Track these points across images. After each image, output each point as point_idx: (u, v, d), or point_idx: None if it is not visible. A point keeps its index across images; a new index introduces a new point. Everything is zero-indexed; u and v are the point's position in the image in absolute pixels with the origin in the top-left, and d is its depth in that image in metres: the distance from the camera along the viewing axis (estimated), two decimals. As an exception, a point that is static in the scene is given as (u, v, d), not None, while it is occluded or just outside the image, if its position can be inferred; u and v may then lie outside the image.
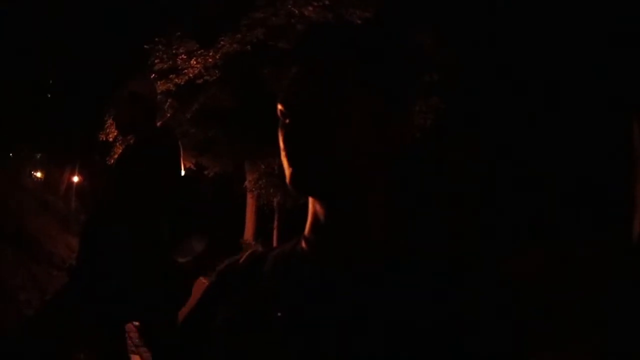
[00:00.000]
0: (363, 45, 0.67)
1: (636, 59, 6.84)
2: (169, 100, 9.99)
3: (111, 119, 9.23)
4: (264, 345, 0.63)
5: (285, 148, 0.65)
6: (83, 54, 15.47)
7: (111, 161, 10.92)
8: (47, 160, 21.64)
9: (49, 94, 19.01)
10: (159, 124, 2.86)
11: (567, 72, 8.56)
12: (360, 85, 0.64)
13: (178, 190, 2.56)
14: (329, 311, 0.62)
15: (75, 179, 20.85)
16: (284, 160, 0.65)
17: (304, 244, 0.70)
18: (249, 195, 12.81)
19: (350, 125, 0.63)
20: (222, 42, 9.30)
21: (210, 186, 13.52)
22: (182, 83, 9.73)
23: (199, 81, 9.59)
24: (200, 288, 0.94)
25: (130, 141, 2.86)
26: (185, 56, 9.60)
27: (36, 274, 6.14)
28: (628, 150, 6.80)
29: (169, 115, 9.94)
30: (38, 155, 21.73)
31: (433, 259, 0.64)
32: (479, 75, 9.43)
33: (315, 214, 0.69)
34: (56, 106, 17.94)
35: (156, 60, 9.80)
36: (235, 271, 0.76)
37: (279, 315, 0.64)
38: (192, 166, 11.44)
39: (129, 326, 4.14)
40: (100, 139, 11.29)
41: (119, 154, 2.93)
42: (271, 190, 11.53)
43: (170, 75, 9.75)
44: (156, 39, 9.79)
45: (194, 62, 9.54)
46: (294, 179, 0.64)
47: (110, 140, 11.04)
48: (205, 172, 12.08)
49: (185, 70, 9.63)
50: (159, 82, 9.35)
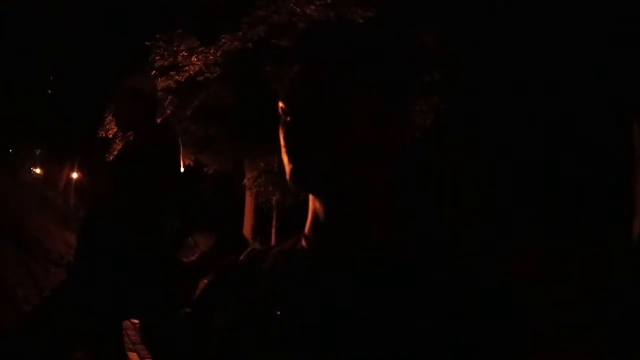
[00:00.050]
0: (364, 44, 0.67)
1: (636, 59, 6.84)
2: (169, 97, 9.98)
3: (111, 116, 9.23)
4: (263, 344, 0.63)
5: (286, 145, 0.65)
6: (83, 51, 15.46)
7: (111, 158, 10.89)
8: (47, 156, 21.62)
9: (49, 91, 19.01)
10: (159, 120, 2.85)
11: (567, 72, 8.57)
12: (360, 85, 0.64)
13: (178, 188, 2.56)
14: (328, 311, 0.62)
15: (74, 176, 20.79)
16: (284, 157, 0.65)
17: (303, 242, 0.70)
18: (247, 193, 12.81)
19: (351, 124, 0.63)
20: (223, 40, 9.31)
21: (209, 184, 13.54)
22: (183, 80, 9.73)
23: (200, 78, 9.59)
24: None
25: (130, 138, 2.85)
26: (186, 53, 9.61)
27: (34, 271, 6.14)
28: (628, 150, 6.81)
29: (169, 112, 9.94)
30: (37, 152, 21.72)
31: (433, 259, 0.64)
32: (479, 75, 9.43)
33: (315, 212, 0.69)
34: (56, 103, 17.94)
35: (157, 57, 9.82)
36: (234, 270, 0.76)
37: (278, 314, 0.64)
38: (192, 163, 11.42)
39: (126, 323, 4.13)
40: (99, 135, 11.29)
41: (119, 150, 2.92)
42: (270, 188, 11.53)
43: (171, 72, 9.76)
44: (157, 36, 9.79)
45: (195, 59, 9.55)
46: (293, 175, 0.64)
47: (110, 136, 11.03)
48: (205, 170, 12.08)
49: (186, 67, 9.63)
50: (159, 79, 9.35)
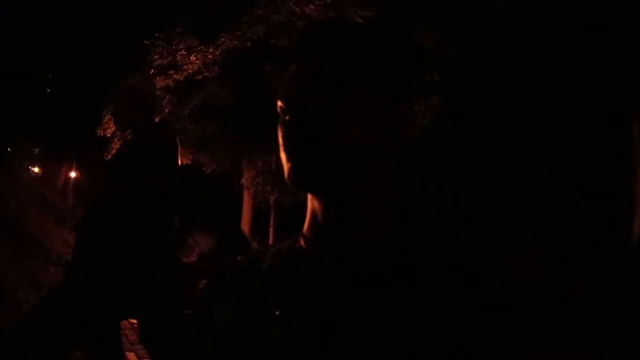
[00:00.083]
0: (363, 44, 0.67)
1: (636, 59, 6.85)
2: (167, 96, 9.98)
3: (110, 115, 9.22)
4: (262, 344, 0.63)
5: (284, 144, 0.65)
6: (82, 50, 15.48)
7: (109, 157, 10.89)
8: (45, 155, 21.59)
9: (48, 89, 19.01)
10: (157, 119, 2.84)
11: (567, 72, 8.57)
12: (360, 84, 0.64)
13: (177, 187, 2.55)
14: (327, 310, 0.61)
15: (72, 175, 20.80)
16: (283, 156, 0.65)
17: (302, 242, 0.70)
18: (245, 193, 12.81)
19: (350, 123, 0.63)
20: (222, 39, 9.31)
21: (209, 183, 13.54)
22: (181, 79, 9.73)
23: (198, 77, 9.58)
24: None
25: (128, 137, 2.84)
26: (184, 52, 9.61)
27: (33, 270, 6.13)
28: (628, 150, 6.82)
29: (168, 111, 9.92)
30: (36, 150, 21.70)
31: (433, 259, 0.63)
32: (479, 75, 9.43)
33: (313, 212, 0.68)
34: (55, 101, 17.95)
35: (156, 56, 9.81)
36: (234, 270, 0.76)
37: (277, 314, 0.64)
38: (189, 162, 11.42)
39: (124, 324, 4.13)
40: (98, 134, 11.29)
41: (117, 149, 2.91)
42: (268, 188, 11.54)
43: (170, 71, 9.76)
44: (156, 35, 9.78)
45: (194, 59, 9.54)
46: (292, 174, 0.64)
47: (109, 135, 11.03)
48: (203, 169, 12.07)
49: (185, 67, 9.63)
50: (158, 78, 9.34)
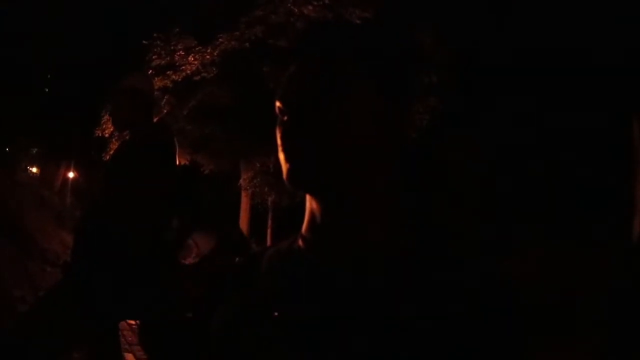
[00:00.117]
0: (362, 43, 0.66)
1: (636, 59, 6.85)
2: (165, 97, 9.98)
3: (108, 115, 9.20)
4: (261, 345, 0.63)
5: (283, 144, 0.65)
6: (81, 50, 15.48)
7: (107, 157, 10.88)
8: (43, 155, 21.59)
9: (47, 89, 19.01)
10: (155, 120, 2.83)
11: (567, 72, 8.58)
12: (359, 84, 0.64)
13: (175, 187, 2.54)
14: (326, 311, 0.61)
15: (70, 175, 20.84)
16: (281, 156, 0.65)
17: (301, 243, 0.69)
18: (243, 194, 12.82)
19: (349, 123, 0.63)
20: (221, 39, 9.31)
21: (208, 184, 13.54)
22: (180, 79, 9.73)
23: (197, 78, 9.59)
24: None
25: (127, 137, 2.83)
26: (183, 52, 9.61)
27: (31, 270, 6.13)
28: (628, 150, 6.82)
29: (166, 111, 9.92)
30: (34, 150, 21.68)
31: (433, 259, 0.63)
32: (479, 76, 9.44)
33: (312, 212, 0.68)
34: (53, 101, 17.93)
35: (154, 56, 9.81)
36: (233, 270, 0.76)
37: (276, 314, 0.64)
38: (187, 163, 11.43)
39: (123, 324, 4.13)
40: (96, 134, 11.28)
41: (115, 149, 2.90)
42: (266, 189, 11.56)
43: (168, 72, 9.76)
44: (154, 35, 9.78)
45: (192, 59, 9.55)
46: (290, 175, 0.64)
47: (107, 136, 11.02)
48: (201, 170, 12.08)
49: (183, 67, 9.63)
50: (156, 78, 9.34)
